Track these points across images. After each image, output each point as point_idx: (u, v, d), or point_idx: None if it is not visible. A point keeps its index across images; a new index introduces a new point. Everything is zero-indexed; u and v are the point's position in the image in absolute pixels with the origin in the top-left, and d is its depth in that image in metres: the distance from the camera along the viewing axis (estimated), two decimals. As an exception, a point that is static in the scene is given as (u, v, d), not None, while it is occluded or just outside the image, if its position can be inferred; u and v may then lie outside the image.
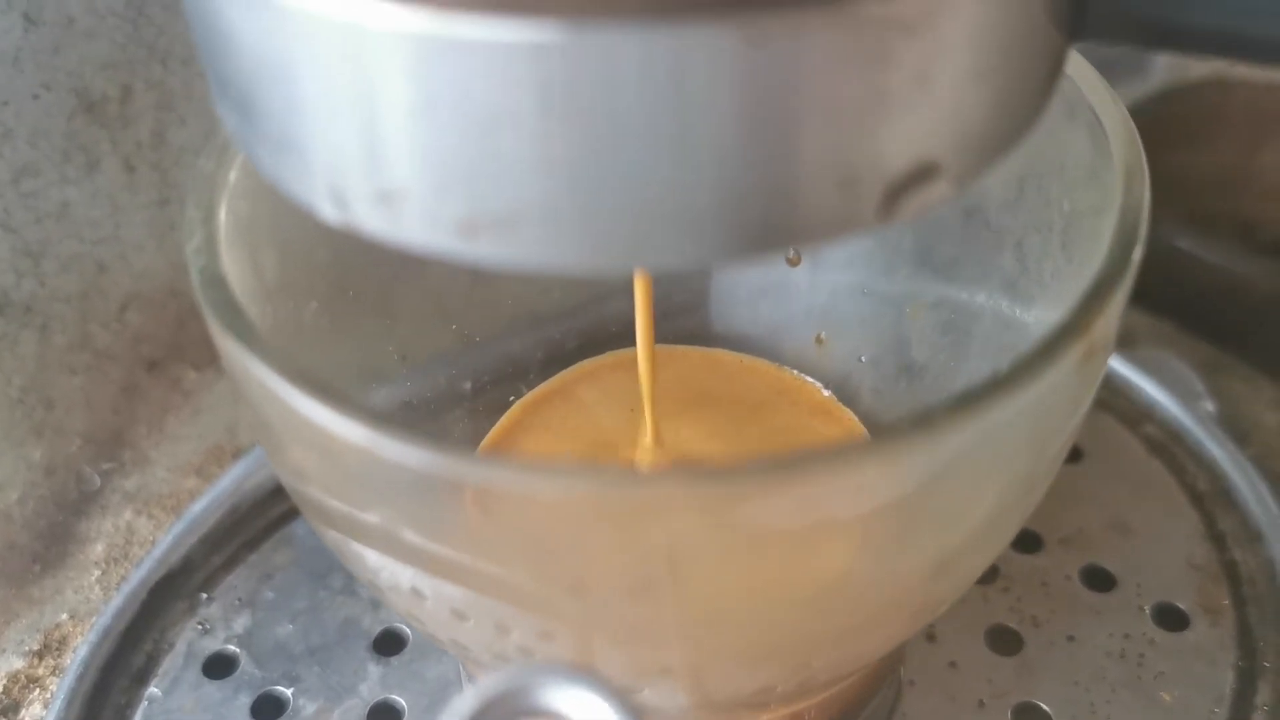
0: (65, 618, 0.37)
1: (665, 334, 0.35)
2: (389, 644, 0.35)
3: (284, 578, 0.37)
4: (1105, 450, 0.39)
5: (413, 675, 0.34)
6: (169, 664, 0.35)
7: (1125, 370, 0.41)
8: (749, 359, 0.36)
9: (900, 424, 0.19)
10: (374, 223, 0.17)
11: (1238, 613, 0.34)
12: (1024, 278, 0.27)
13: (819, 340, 0.35)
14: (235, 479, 0.39)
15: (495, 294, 0.34)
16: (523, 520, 0.19)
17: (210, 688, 0.34)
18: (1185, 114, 0.53)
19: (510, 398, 0.34)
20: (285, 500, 0.38)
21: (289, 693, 0.33)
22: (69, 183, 0.38)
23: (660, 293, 0.33)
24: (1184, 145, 0.54)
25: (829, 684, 0.27)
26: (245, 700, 0.33)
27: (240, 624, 0.36)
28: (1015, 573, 0.35)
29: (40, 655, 0.36)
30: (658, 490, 0.19)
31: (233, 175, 0.24)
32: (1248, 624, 0.34)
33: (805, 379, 0.35)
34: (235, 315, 0.21)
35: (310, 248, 0.27)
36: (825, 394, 0.35)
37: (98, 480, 0.40)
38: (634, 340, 0.29)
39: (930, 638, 0.34)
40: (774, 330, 0.36)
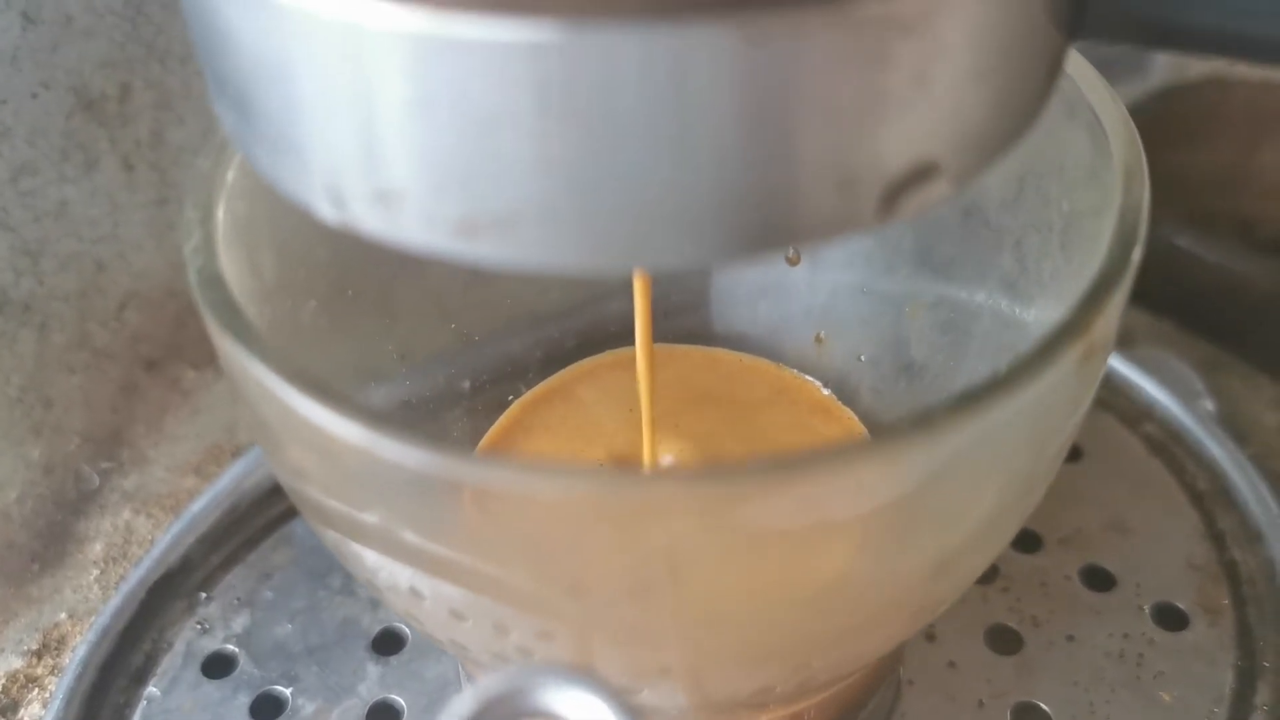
0: (64, 617, 0.37)
1: (665, 333, 0.35)
2: (388, 643, 0.35)
3: (283, 577, 0.37)
4: (1105, 450, 0.39)
5: (412, 675, 0.34)
6: (168, 663, 0.35)
7: (1125, 369, 0.41)
8: (749, 358, 0.36)
9: (900, 424, 0.19)
10: (372, 222, 0.17)
11: (1237, 612, 0.34)
12: (1023, 277, 0.27)
13: (818, 339, 0.35)
14: (234, 478, 0.39)
15: (494, 293, 0.34)
16: (521, 521, 0.19)
17: (209, 687, 0.34)
18: (1185, 113, 0.53)
19: (509, 397, 0.34)
20: (284, 499, 0.38)
21: (288, 692, 0.33)
22: (67, 181, 0.38)
23: (660, 292, 0.33)
24: (1183, 144, 0.54)
25: (828, 684, 0.27)
26: (244, 700, 0.33)
27: (239, 623, 0.35)
28: (1015, 572, 0.35)
29: (39, 655, 0.36)
30: (657, 491, 0.18)
31: (231, 175, 0.24)
32: (1247, 624, 0.34)
33: (805, 378, 0.35)
34: (233, 315, 0.21)
35: (308, 247, 0.27)
36: (825, 393, 0.35)
37: (96, 479, 0.40)
38: (633, 339, 0.29)
39: (929, 637, 0.34)
40: (774, 329, 0.36)
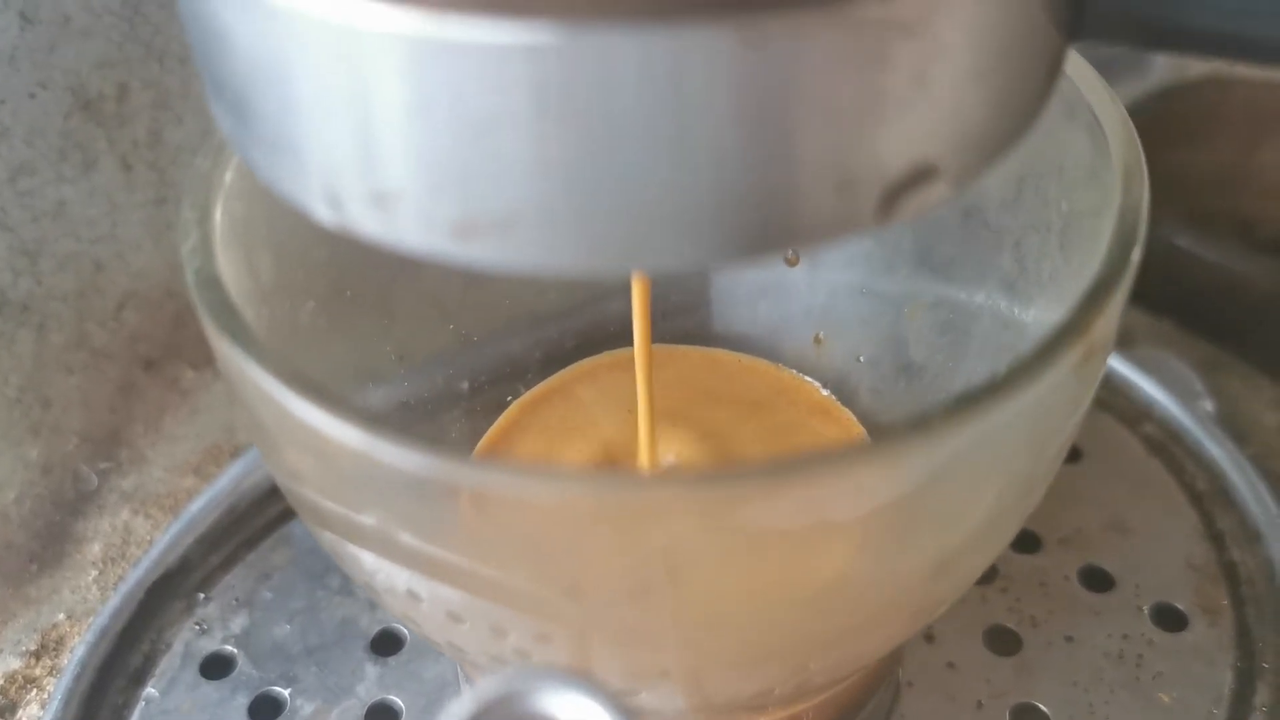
0: (62, 618, 0.37)
1: (664, 334, 0.35)
2: (387, 644, 0.35)
3: (282, 578, 0.37)
4: (1104, 450, 0.39)
5: (410, 675, 0.34)
6: (166, 664, 0.35)
7: (1124, 369, 0.41)
8: (748, 358, 0.36)
9: (899, 426, 0.19)
10: (369, 224, 0.17)
11: (1236, 613, 0.34)
12: (1022, 278, 0.27)
13: (818, 340, 0.35)
14: (233, 478, 0.39)
15: (493, 294, 0.34)
16: (519, 523, 0.19)
17: (207, 688, 0.34)
18: (1184, 112, 0.53)
19: (508, 398, 0.34)
20: (283, 500, 0.37)
21: (286, 693, 0.33)
22: (66, 181, 0.38)
23: (659, 292, 0.33)
24: (1183, 144, 0.53)
25: (827, 686, 0.27)
26: (242, 701, 0.33)
27: (238, 624, 0.35)
28: (1014, 573, 0.35)
29: (37, 655, 0.36)
30: (654, 494, 0.18)
31: (229, 176, 0.24)
32: (1246, 624, 0.34)
33: (804, 378, 0.35)
34: (230, 317, 0.21)
35: (307, 248, 0.27)
36: (824, 393, 0.34)
37: (95, 480, 0.40)
38: (632, 340, 0.29)
39: (928, 638, 0.33)
40: (773, 330, 0.36)
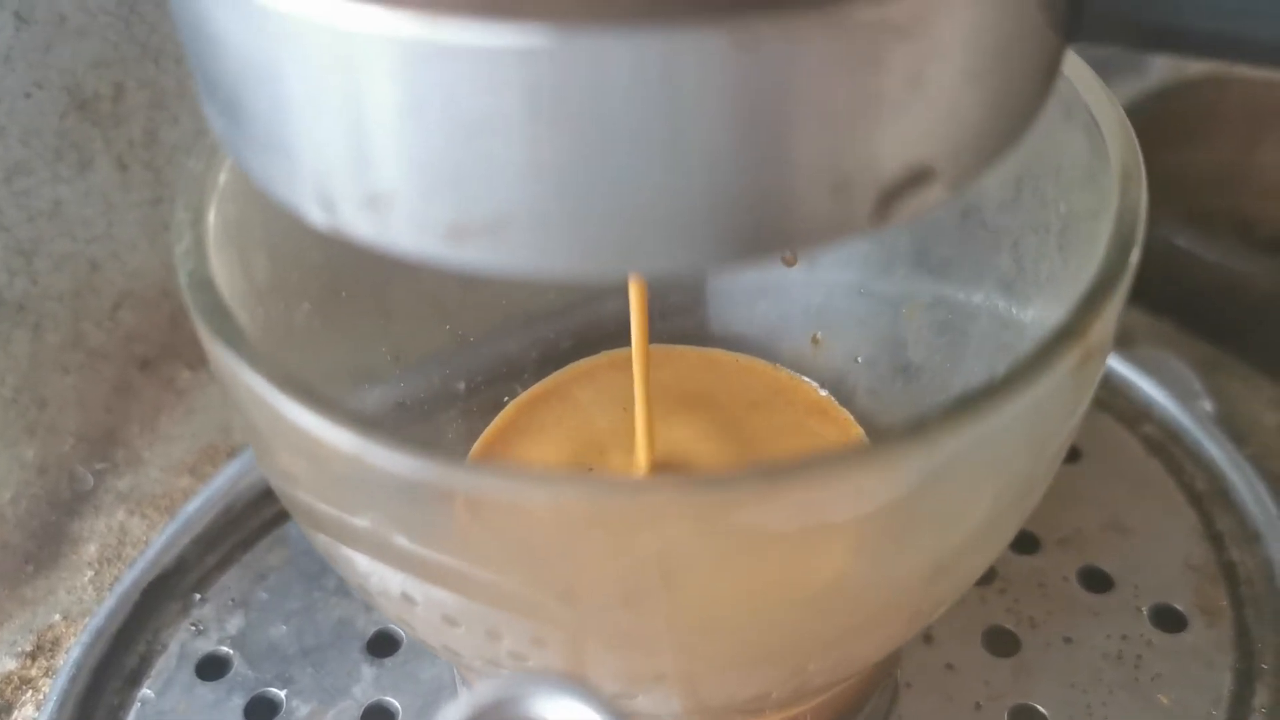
0: (58, 618, 0.37)
1: (662, 334, 0.35)
2: (383, 645, 0.35)
3: (278, 578, 0.37)
4: (1103, 450, 0.39)
5: (407, 677, 0.34)
6: (162, 665, 0.34)
7: (1123, 369, 0.41)
8: (745, 359, 0.36)
9: (896, 430, 0.19)
10: (361, 227, 0.17)
11: (1235, 614, 0.34)
12: (1020, 279, 0.27)
13: (815, 340, 0.35)
14: (229, 479, 0.39)
15: (489, 294, 0.34)
16: (513, 527, 0.19)
17: (203, 689, 0.34)
18: (1183, 111, 0.53)
19: (505, 398, 0.34)
20: (279, 500, 0.37)
21: (282, 694, 0.33)
22: (61, 181, 0.38)
23: (657, 293, 0.33)
24: (1182, 143, 0.53)
25: (825, 688, 0.27)
26: (238, 702, 0.33)
27: (234, 625, 0.35)
28: (1012, 574, 0.35)
29: (33, 656, 0.36)
30: (650, 498, 0.18)
31: (222, 177, 0.24)
32: (1245, 625, 0.34)
33: (802, 379, 0.35)
34: (223, 319, 0.21)
35: (301, 249, 0.27)
36: (822, 394, 0.34)
37: (91, 480, 0.40)
38: (630, 339, 0.29)
39: (927, 639, 0.33)
40: (770, 330, 0.35)
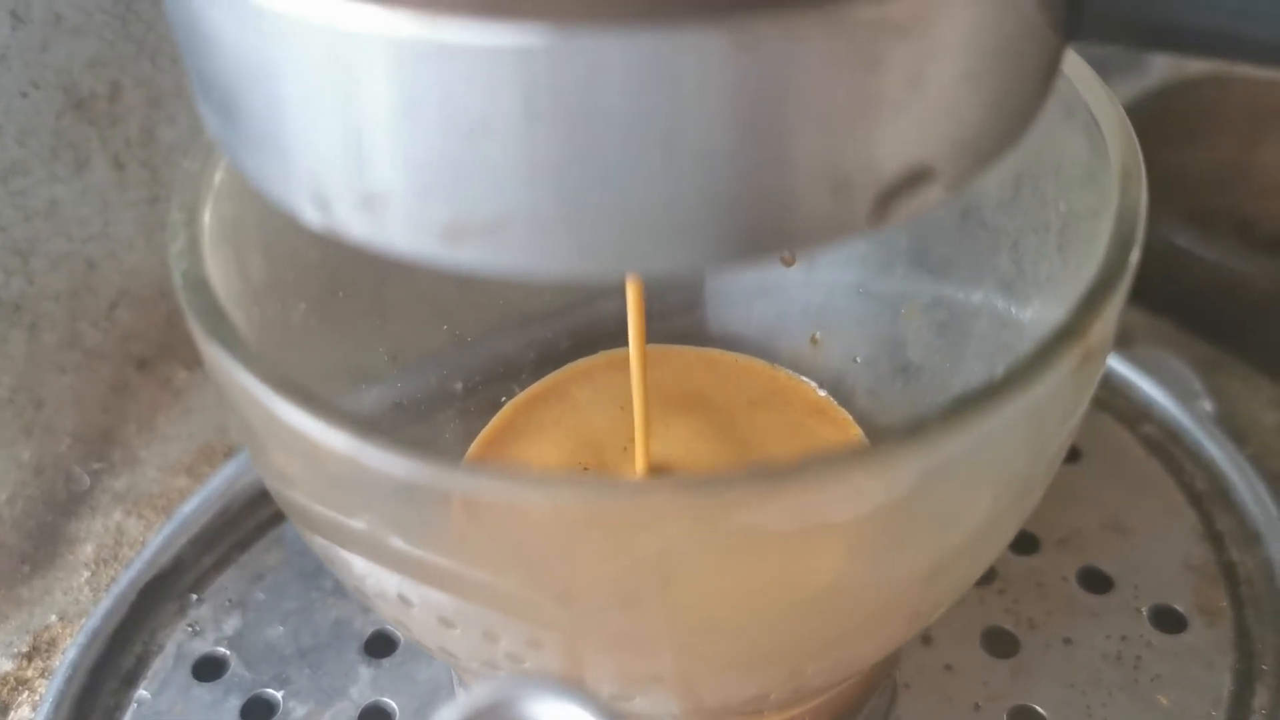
0: (54, 619, 0.37)
1: (660, 334, 0.35)
2: (380, 646, 0.34)
3: (275, 579, 0.37)
4: (1103, 450, 0.39)
5: (404, 677, 0.33)
6: (158, 666, 0.34)
7: (1123, 369, 0.41)
8: (744, 358, 0.35)
9: (895, 431, 0.18)
10: (357, 227, 0.16)
11: (1235, 614, 0.34)
12: (1020, 279, 0.27)
13: (814, 340, 0.35)
14: (226, 479, 0.38)
15: (487, 294, 0.34)
16: (510, 528, 0.19)
17: (200, 690, 0.34)
18: (1183, 110, 0.53)
19: (502, 398, 0.34)
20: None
21: (279, 695, 0.33)
22: (58, 180, 0.38)
23: (655, 293, 0.33)
24: (1182, 142, 0.53)
25: (823, 689, 0.27)
26: (235, 703, 0.33)
27: (230, 625, 0.35)
28: (1012, 574, 0.35)
29: (29, 657, 0.35)
30: (647, 500, 0.18)
31: (218, 176, 0.24)
32: (1245, 626, 0.34)
33: (800, 379, 0.35)
34: (218, 319, 0.21)
35: (298, 248, 0.26)
36: (820, 394, 0.34)
37: (87, 480, 0.40)
38: (628, 340, 0.29)
39: (926, 640, 0.33)
40: (769, 330, 0.35)
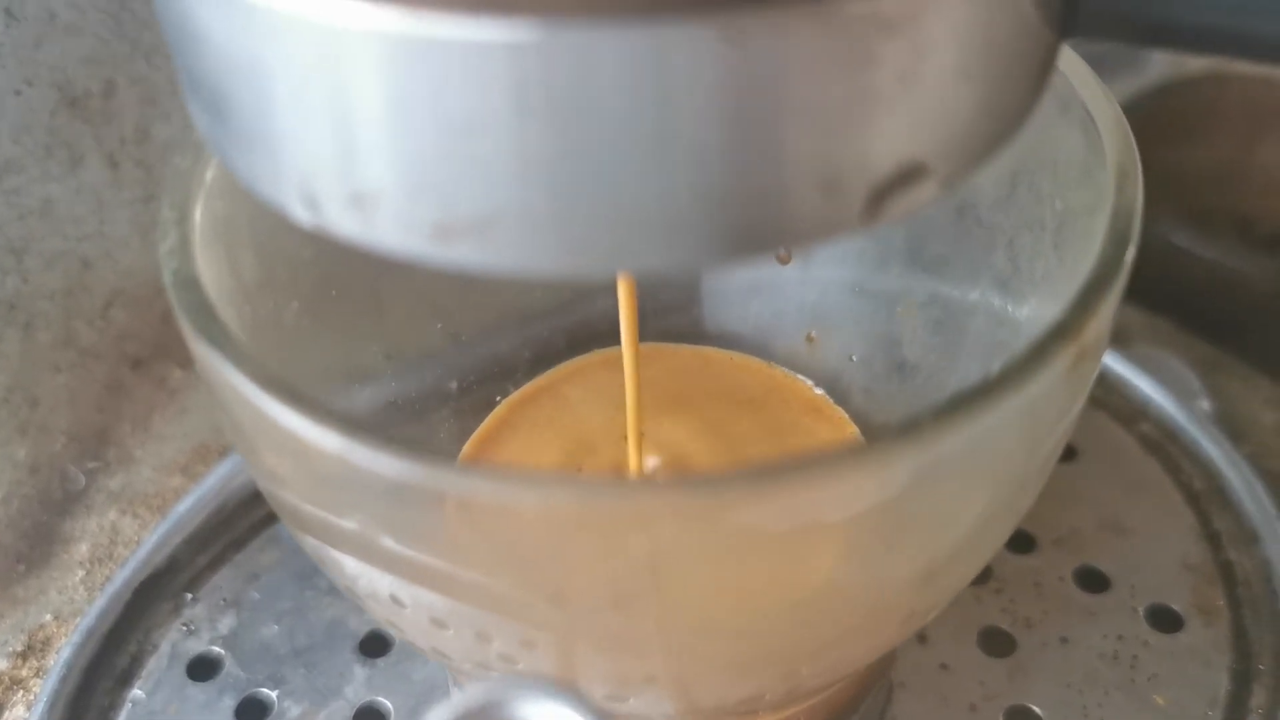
0: (49, 618, 0.36)
1: (655, 332, 0.35)
2: (375, 645, 0.34)
3: (270, 578, 0.36)
4: (1100, 449, 0.39)
5: (399, 677, 0.33)
6: (153, 665, 0.34)
7: (1120, 368, 0.40)
8: (740, 357, 0.35)
9: (889, 430, 0.18)
10: (347, 225, 0.16)
11: (1232, 614, 0.34)
12: (1015, 277, 0.27)
13: (810, 338, 0.34)
14: (221, 478, 0.38)
15: (482, 292, 0.33)
16: (502, 528, 0.19)
17: (194, 690, 0.34)
18: (1182, 109, 0.53)
19: (497, 397, 0.34)
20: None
21: (274, 695, 0.33)
22: (52, 179, 0.38)
23: (651, 291, 0.32)
24: (1181, 140, 0.53)
25: (818, 690, 0.27)
26: (229, 702, 0.33)
27: (225, 625, 0.35)
28: (1008, 573, 0.35)
29: (23, 656, 0.35)
30: (640, 500, 0.18)
31: (209, 174, 0.23)
32: (1242, 626, 0.34)
33: (796, 377, 0.35)
34: (208, 319, 0.20)
35: (291, 247, 0.26)
36: (816, 392, 0.34)
37: (82, 479, 0.40)
38: (621, 338, 0.29)
39: (922, 640, 0.33)
40: (765, 328, 0.35)
